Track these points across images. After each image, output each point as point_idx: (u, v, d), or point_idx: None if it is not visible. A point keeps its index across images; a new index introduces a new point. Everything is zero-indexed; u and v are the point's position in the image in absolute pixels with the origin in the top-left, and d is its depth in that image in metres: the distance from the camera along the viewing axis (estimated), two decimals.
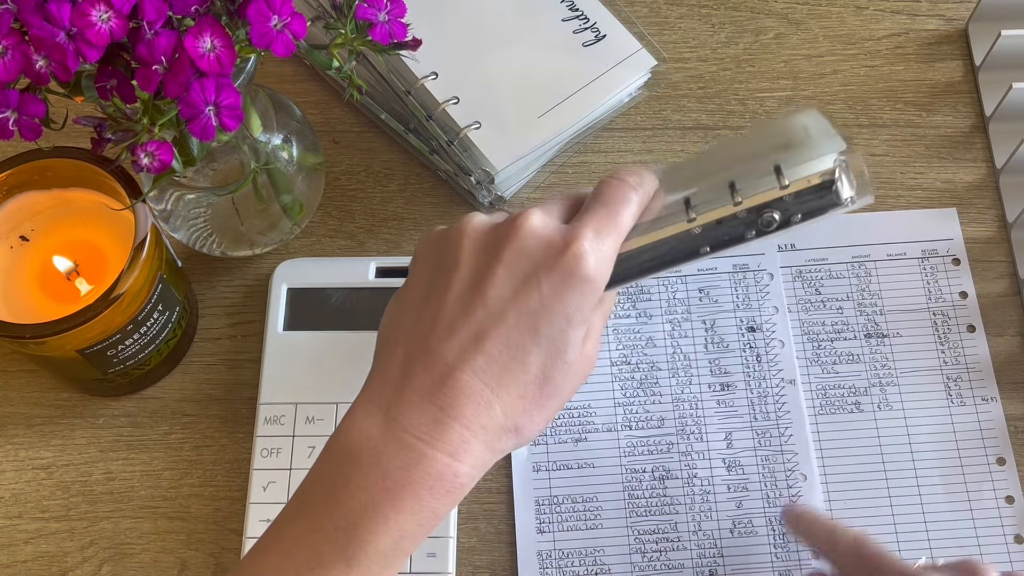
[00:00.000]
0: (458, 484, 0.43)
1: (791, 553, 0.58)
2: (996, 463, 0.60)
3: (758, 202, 0.47)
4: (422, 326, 0.45)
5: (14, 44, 0.42)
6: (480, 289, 0.45)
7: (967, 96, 0.70)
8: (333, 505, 0.43)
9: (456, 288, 0.45)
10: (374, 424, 0.43)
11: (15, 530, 0.59)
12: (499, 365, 0.44)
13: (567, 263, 0.45)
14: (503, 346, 0.44)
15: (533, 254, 0.45)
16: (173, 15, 0.44)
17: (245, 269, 0.65)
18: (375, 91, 0.67)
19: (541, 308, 0.44)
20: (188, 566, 0.58)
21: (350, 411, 0.45)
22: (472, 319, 0.44)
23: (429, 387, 0.44)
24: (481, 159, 0.63)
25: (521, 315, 0.44)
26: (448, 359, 0.44)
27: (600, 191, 0.48)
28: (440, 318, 0.45)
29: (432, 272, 0.47)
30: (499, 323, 0.44)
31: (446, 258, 0.46)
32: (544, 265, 0.45)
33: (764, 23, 0.72)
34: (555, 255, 0.45)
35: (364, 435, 0.43)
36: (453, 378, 0.44)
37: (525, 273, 0.45)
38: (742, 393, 0.61)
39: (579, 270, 0.45)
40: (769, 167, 0.47)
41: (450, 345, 0.44)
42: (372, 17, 0.49)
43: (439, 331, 0.45)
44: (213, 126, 0.45)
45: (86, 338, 0.53)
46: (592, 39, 0.67)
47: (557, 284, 0.45)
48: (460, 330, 0.44)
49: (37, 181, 0.56)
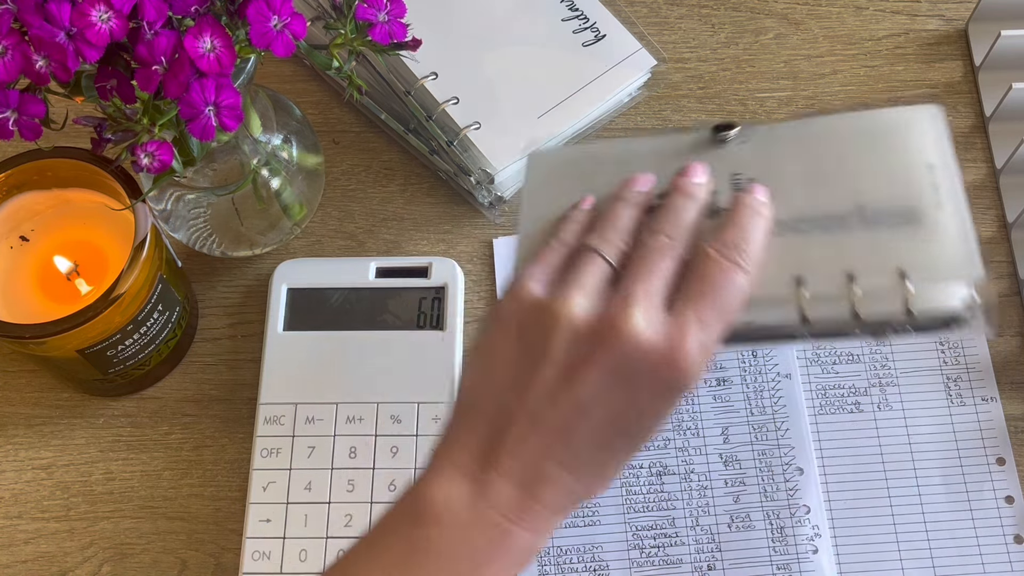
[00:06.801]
0: (534, 552, 0.44)
1: (789, 547, 0.58)
2: (996, 463, 0.60)
3: (878, 319, 0.44)
4: (508, 410, 0.44)
5: (14, 44, 0.42)
6: (572, 387, 0.43)
7: (967, 96, 0.70)
8: (414, 566, 0.43)
9: (546, 379, 0.43)
10: (459, 495, 0.43)
11: (15, 530, 0.59)
12: (584, 458, 0.44)
13: (671, 377, 0.43)
14: (590, 443, 0.44)
15: (635, 363, 0.43)
16: (173, 15, 0.44)
17: (245, 269, 0.65)
18: (375, 91, 0.67)
19: (635, 413, 0.43)
20: (188, 566, 0.58)
21: (432, 472, 0.44)
22: (559, 415, 0.43)
23: (515, 471, 0.43)
24: (481, 159, 0.63)
25: (612, 417, 0.43)
26: (533, 448, 0.43)
27: (706, 272, 0.44)
28: (527, 407, 0.44)
29: (520, 353, 0.44)
30: (588, 422, 0.43)
31: (537, 342, 0.44)
32: (646, 376, 0.43)
33: (764, 23, 0.72)
34: (659, 367, 0.42)
35: (449, 503, 0.43)
36: (538, 467, 0.43)
37: (623, 380, 0.43)
38: (738, 388, 0.61)
39: (682, 383, 0.43)
40: (893, 264, 0.44)
41: (537, 438, 0.43)
42: (372, 17, 0.49)
43: (525, 422, 0.43)
44: (213, 126, 0.45)
45: (86, 338, 0.53)
46: (592, 39, 0.67)
47: (656, 395, 0.43)
48: (547, 422, 0.43)
49: (37, 181, 0.56)
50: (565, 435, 0.43)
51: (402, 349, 0.61)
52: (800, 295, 0.44)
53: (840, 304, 0.44)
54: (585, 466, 0.44)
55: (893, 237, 0.45)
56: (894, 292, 0.44)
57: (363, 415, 0.59)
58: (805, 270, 0.45)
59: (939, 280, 0.44)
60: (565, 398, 0.43)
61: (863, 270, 0.44)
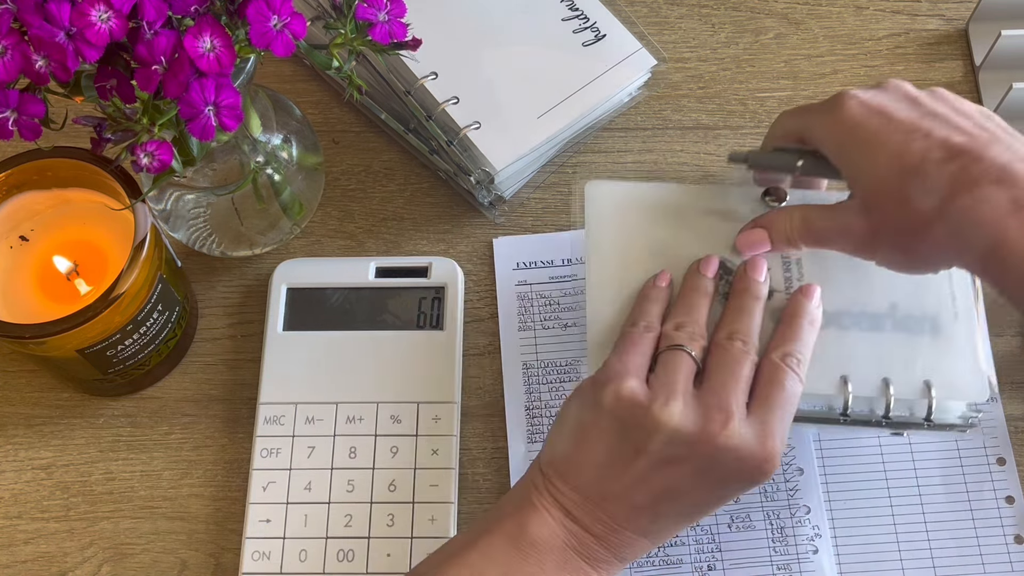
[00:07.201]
0: None
1: (789, 547, 0.58)
2: (996, 463, 0.60)
3: (902, 420, 0.54)
4: (603, 485, 0.49)
5: (14, 44, 0.42)
6: (664, 482, 0.49)
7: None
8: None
9: (641, 468, 0.49)
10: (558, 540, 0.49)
11: (15, 530, 0.59)
12: (664, 530, 0.50)
13: (760, 476, 0.49)
14: (672, 520, 0.50)
15: (727, 465, 0.48)
16: (173, 15, 0.44)
17: (245, 269, 0.65)
18: (375, 91, 0.67)
19: (718, 501, 0.50)
20: (188, 566, 0.58)
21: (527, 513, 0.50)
22: (649, 495, 0.49)
23: (602, 536, 0.49)
24: (481, 159, 0.63)
25: (697, 504, 0.50)
26: (621, 520, 0.49)
27: (775, 378, 0.50)
28: (620, 484, 0.49)
29: (619, 440, 0.49)
30: (673, 506, 0.49)
31: (636, 437, 0.49)
32: (735, 475, 0.49)
33: (764, 23, 0.72)
34: (752, 471, 0.49)
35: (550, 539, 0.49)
36: (624, 534, 0.49)
37: (715, 479, 0.49)
38: None
39: (767, 478, 0.49)
40: (920, 374, 0.53)
41: (624, 509, 0.49)
42: (372, 17, 0.49)
43: (617, 495, 0.49)
44: (213, 126, 0.45)
45: (86, 338, 0.53)
46: (592, 39, 0.67)
47: (741, 489, 0.50)
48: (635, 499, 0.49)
49: (37, 181, 0.56)
50: (651, 510, 0.49)
51: (402, 349, 0.61)
52: (846, 394, 0.53)
53: (878, 404, 0.53)
54: (662, 534, 0.51)
55: (919, 343, 0.54)
56: (921, 402, 0.53)
57: (363, 415, 0.59)
58: (849, 370, 0.53)
59: (956, 398, 0.53)
60: (658, 491, 0.49)
61: (896, 377, 0.53)
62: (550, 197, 0.67)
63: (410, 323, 0.62)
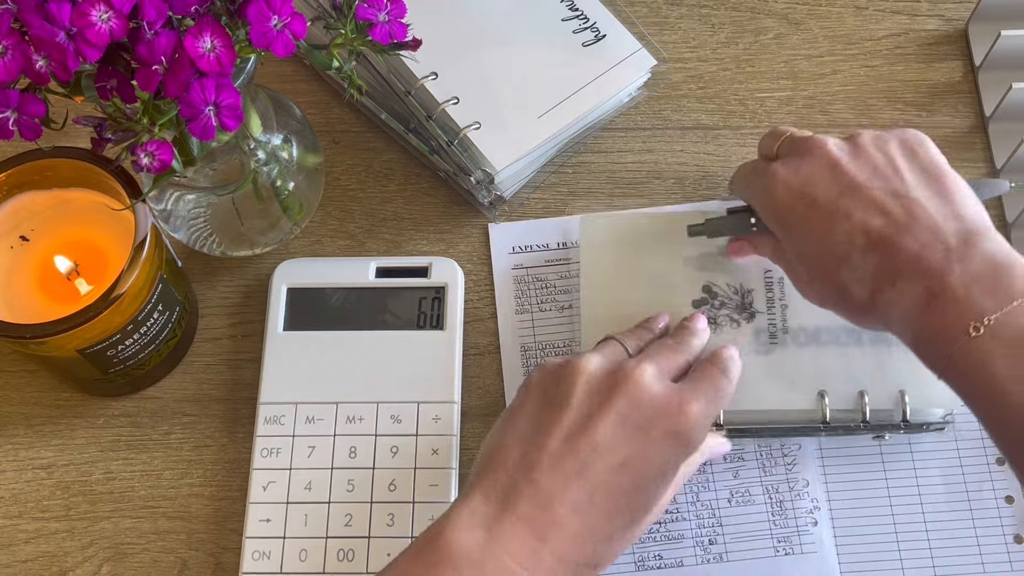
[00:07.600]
0: None
1: (788, 520, 0.58)
2: (996, 463, 0.60)
3: (879, 422, 0.57)
4: (528, 457, 0.48)
5: (14, 44, 0.42)
6: (588, 431, 0.48)
7: (967, 96, 0.70)
8: None
9: (565, 425, 0.48)
10: (476, 539, 0.46)
11: (15, 530, 0.59)
12: (597, 507, 0.47)
13: (678, 424, 0.49)
14: (603, 490, 0.48)
15: (646, 408, 0.49)
16: (173, 15, 0.44)
17: (245, 269, 0.65)
18: (375, 91, 0.67)
19: (643, 459, 0.48)
20: (188, 566, 0.58)
21: (450, 518, 0.47)
22: (577, 458, 0.48)
23: (530, 517, 0.46)
24: (481, 159, 0.63)
25: (624, 461, 0.48)
26: (550, 493, 0.47)
27: (706, 371, 0.52)
28: (546, 452, 0.48)
29: (542, 405, 0.50)
30: (601, 465, 0.48)
31: (557, 394, 0.50)
32: (655, 420, 0.49)
33: (764, 23, 0.72)
34: (668, 414, 0.49)
35: (465, 547, 0.45)
36: (553, 512, 0.47)
37: (635, 424, 0.48)
38: None
39: (685, 432, 0.49)
40: (895, 384, 0.57)
41: (553, 479, 0.47)
42: (372, 17, 0.49)
43: (544, 465, 0.48)
44: (213, 126, 0.45)
45: (86, 338, 0.53)
46: (592, 39, 0.67)
47: (661, 440, 0.49)
48: (564, 466, 0.47)
49: (37, 181, 0.56)
50: (581, 479, 0.47)
51: (402, 349, 0.61)
52: (823, 407, 0.57)
53: (854, 415, 0.57)
54: (599, 525, 0.47)
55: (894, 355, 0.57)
56: (896, 409, 0.57)
57: (363, 415, 0.59)
58: (826, 385, 0.58)
59: (931, 406, 0.57)
60: (582, 442, 0.48)
61: (872, 388, 0.57)
62: (550, 197, 0.67)
63: (410, 323, 0.62)
